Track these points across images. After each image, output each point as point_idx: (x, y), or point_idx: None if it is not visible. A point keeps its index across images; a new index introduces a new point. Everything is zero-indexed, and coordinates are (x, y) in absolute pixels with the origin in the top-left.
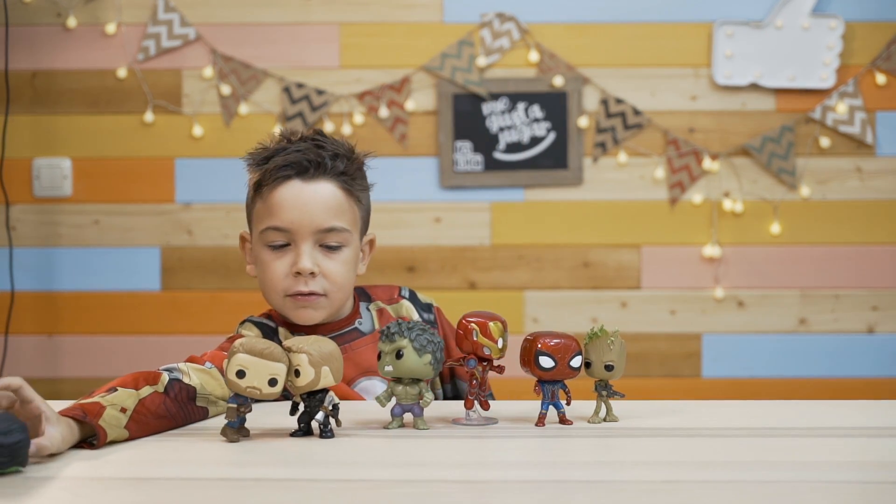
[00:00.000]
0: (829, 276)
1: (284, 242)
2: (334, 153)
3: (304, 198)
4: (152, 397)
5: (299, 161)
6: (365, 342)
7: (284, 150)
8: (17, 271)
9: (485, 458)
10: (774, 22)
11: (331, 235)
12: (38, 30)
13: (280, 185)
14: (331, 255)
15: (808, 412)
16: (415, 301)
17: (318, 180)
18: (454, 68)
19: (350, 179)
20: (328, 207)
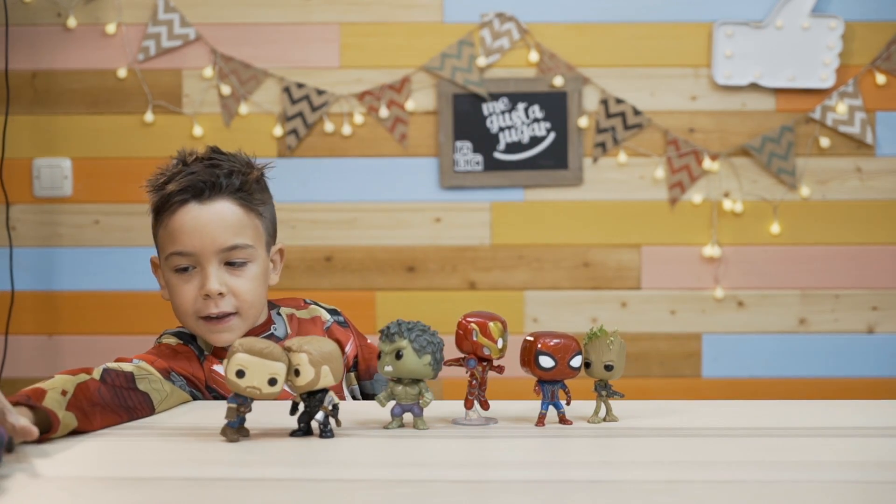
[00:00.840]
0: (829, 276)
1: (190, 266)
2: (229, 171)
3: (202, 220)
4: (88, 383)
5: (194, 184)
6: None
7: (179, 173)
8: (17, 271)
9: (485, 458)
10: (774, 22)
11: (234, 253)
12: (38, 30)
13: (178, 210)
14: (237, 272)
15: (808, 412)
16: (319, 306)
17: (214, 200)
18: (454, 68)
19: (247, 195)
20: (228, 226)
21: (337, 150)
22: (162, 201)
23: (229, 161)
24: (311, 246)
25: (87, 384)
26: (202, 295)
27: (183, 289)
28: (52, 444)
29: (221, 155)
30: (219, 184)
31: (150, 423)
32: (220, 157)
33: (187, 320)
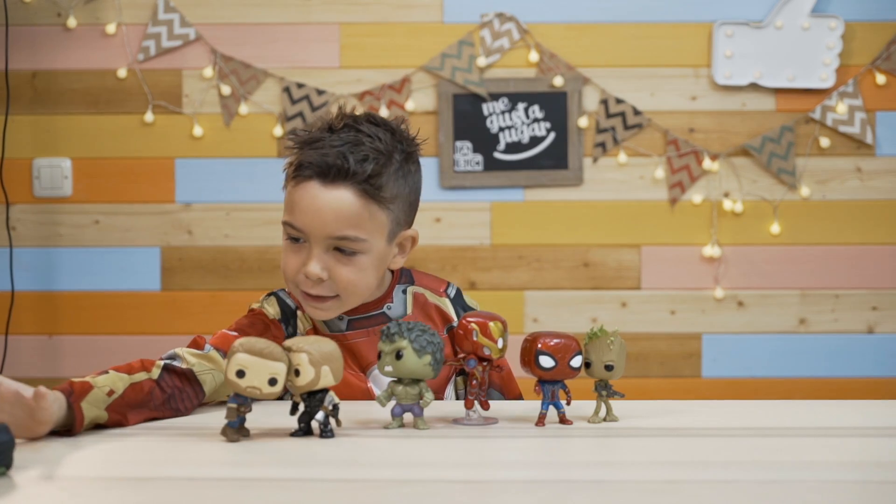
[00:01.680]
0: (829, 276)
1: (301, 238)
2: (365, 156)
3: (319, 203)
4: (143, 384)
5: (323, 162)
6: None
7: (320, 141)
8: (17, 271)
9: (485, 458)
10: (774, 22)
11: (344, 243)
12: (38, 30)
13: (301, 183)
14: (345, 260)
15: (808, 412)
16: (458, 302)
17: (338, 186)
18: (454, 68)
19: (374, 188)
20: (343, 216)
21: None
22: (296, 166)
23: (374, 142)
24: None
25: (140, 385)
26: (303, 272)
27: (290, 257)
28: (52, 445)
29: (372, 127)
30: (346, 169)
31: (151, 424)
32: (368, 132)
33: (288, 285)
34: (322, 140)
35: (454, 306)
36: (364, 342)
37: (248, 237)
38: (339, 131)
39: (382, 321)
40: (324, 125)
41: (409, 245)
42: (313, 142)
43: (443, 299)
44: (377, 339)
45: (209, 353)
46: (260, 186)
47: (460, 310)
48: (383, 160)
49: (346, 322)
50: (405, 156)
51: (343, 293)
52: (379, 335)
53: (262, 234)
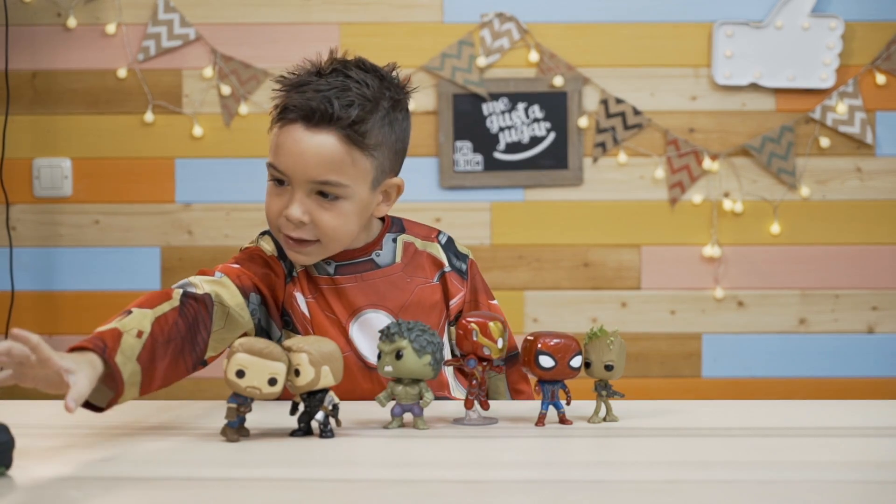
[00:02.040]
0: (829, 276)
1: (284, 181)
2: (350, 102)
3: (302, 146)
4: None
5: (307, 106)
6: (377, 275)
7: (306, 84)
8: (17, 271)
9: (485, 458)
10: (774, 22)
11: (325, 188)
12: (38, 30)
13: (285, 126)
14: (327, 205)
15: (807, 412)
16: (450, 248)
17: (321, 130)
18: (454, 68)
19: (358, 135)
20: (325, 161)
21: None
22: (281, 108)
23: (361, 87)
24: None
25: (165, 317)
26: (284, 215)
27: (273, 200)
28: (51, 445)
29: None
30: (331, 114)
31: (151, 424)
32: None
33: (271, 228)
34: (309, 84)
35: (445, 252)
36: (352, 287)
37: (248, 237)
38: (327, 75)
39: (370, 268)
40: (312, 68)
41: (394, 193)
42: (300, 85)
43: (433, 244)
44: (365, 285)
45: (221, 279)
46: (260, 186)
47: (452, 256)
48: (369, 106)
49: (333, 266)
50: (393, 103)
51: (324, 238)
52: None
53: None
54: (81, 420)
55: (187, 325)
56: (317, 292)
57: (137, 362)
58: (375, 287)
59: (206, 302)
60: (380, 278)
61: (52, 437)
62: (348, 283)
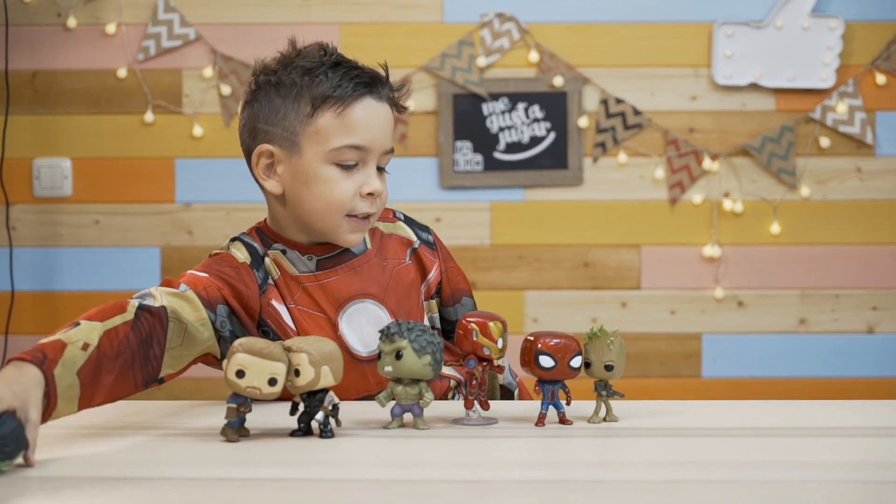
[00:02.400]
0: (829, 276)
1: (356, 161)
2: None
3: (380, 118)
4: (118, 329)
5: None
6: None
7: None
8: (17, 271)
9: (485, 458)
10: (774, 22)
11: (388, 157)
12: (38, 30)
13: (356, 102)
14: (381, 177)
15: (808, 412)
16: (411, 223)
17: (383, 100)
18: (454, 68)
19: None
20: (390, 129)
21: None
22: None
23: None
24: None
25: (116, 330)
26: (363, 193)
27: (343, 184)
28: (52, 445)
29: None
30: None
31: (151, 423)
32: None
33: (332, 216)
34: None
35: (409, 227)
36: (336, 280)
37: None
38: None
39: (349, 258)
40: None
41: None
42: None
43: (396, 223)
44: (346, 276)
45: (185, 292)
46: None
47: (417, 230)
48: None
49: (314, 262)
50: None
51: (380, 210)
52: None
53: None
54: (81, 420)
55: (139, 340)
56: (300, 292)
57: (77, 375)
58: (357, 275)
59: (161, 316)
60: (359, 266)
61: (50, 437)
62: (332, 276)
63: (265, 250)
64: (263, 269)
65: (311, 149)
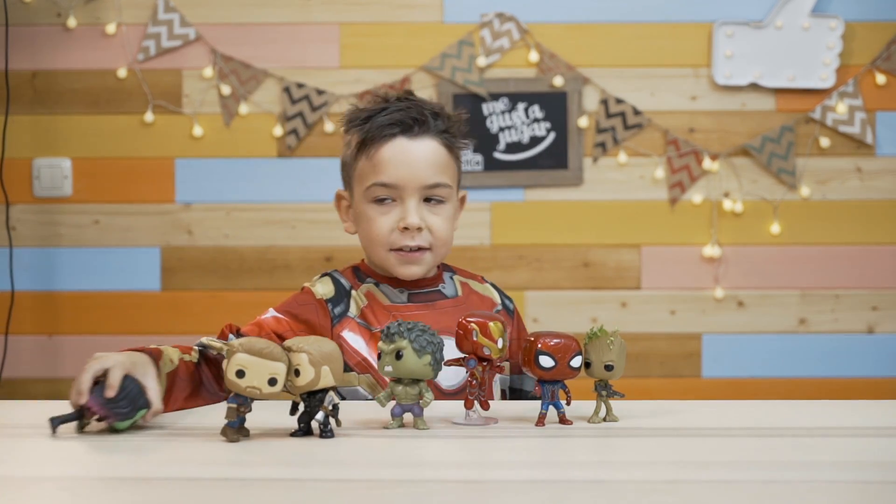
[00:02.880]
0: (829, 276)
1: (390, 197)
2: (435, 112)
3: (410, 154)
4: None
5: (404, 119)
6: (447, 304)
7: (385, 109)
8: (17, 271)
9: (485, 458)
10: (774, 22)
11: (435, 190)
12: (38, 30)
13: (386, 143)
14: (434, 209)
15: (808, 412)
16: (498, 290)
17: (422, 137)
18: (454, 68)
19: (452, 137)
20: (432, 163)
21: (337, 150)
22: (369, 133)
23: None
24: (311, 246)
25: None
26: (400, 228)
27: (380, 220)
28: (52, 445)
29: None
30: (427, 122)
31: (151, 424)
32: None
33: (378, 251)
34: (386, 108)
35: (497, 291)
36: (425, 315)
37: (248, 237)
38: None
39: (439, 297)
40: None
41: (462, 204)
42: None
43: (484, 285)
44: (435, 313)
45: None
46: (260, 186)
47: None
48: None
49: (406, 294)
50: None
51: (436, 243)
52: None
53: (262, 234)
54: None
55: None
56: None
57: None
58: (444, 315)
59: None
60: (450, 307)
61: (51, 437)
62: (420, 310)
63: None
64: (345, 304)
65: (357, 190)
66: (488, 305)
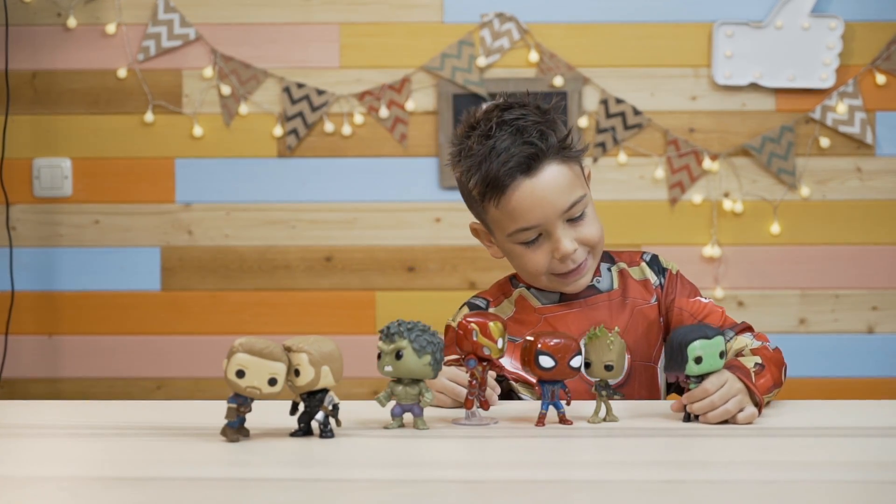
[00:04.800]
0: (829, 276)
1: (536, 236)
2: (540, 132)
3: (537, 193)
4: None
5: (517, 162)
6: (601, 299)
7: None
8: (17, 271)
9: (485, 458)
10: (774, 22)
11: (573, 209)
12: (38, 30)
13: (509, 190)
14: (580, 223)
15: (807, 412)
16: (654, 264)
17: (541, 168)
18: (454, 68)
19: (567, 149)
20: (561, 189)
21: (337, 150)
22: (489, 184)
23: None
24: (311, 246)
25: None
26: (557, 258)
27: (533, 257)
28: (52, 445)
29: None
30: (538, 151)
31: (150, 423)
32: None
33: (538, 280)
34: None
35: (649, 266)
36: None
37: (248, 237)
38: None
39: (593, 293)
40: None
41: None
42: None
43: (640, 266)
44: (588, 310)
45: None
46: (260, 186)
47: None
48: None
49: (558, 295)
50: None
51: (593, 249)
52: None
53: (262, 234)
54: (81, 420)
55: None
56: (541, 323)
57: None
58: (598, 311)
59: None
60: (602, 303)
61: (51, 437)
62: (573, 308)
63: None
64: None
65: (497, 232)
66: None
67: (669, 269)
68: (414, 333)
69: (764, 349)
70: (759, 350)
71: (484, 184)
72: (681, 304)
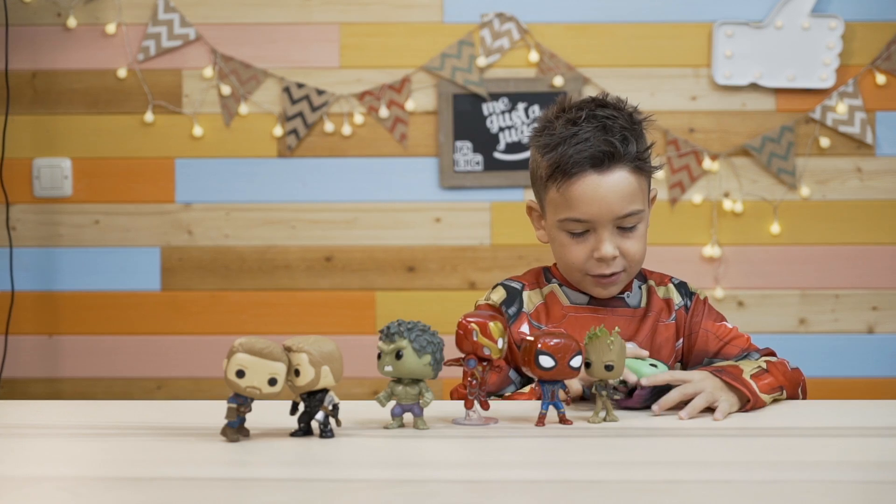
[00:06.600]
0: (829, 276)
1: (584, 230)
2: (623, 137)
3: (601, 191)
4: None
5: (594, 155)
6: (627, 313)
7: (573, 137)
8: (17, 271)
9: (485, 458)
10: (774, 22)
11: (627, 219)
12: (38, 30)
13: (576, 178)
14: (628, 234)
15: (808, 412)
16: (681, 287)
17: (613, 170)
18: (454, 68)
19: (642, 161)
20: (624, 195)
21: (337, 150)
22: (559, 166)
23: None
24: (311, 246)
25: None
26: (595, 258)
27: (575, 249)
28: (52, 445)
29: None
30: (617, 152)
31: (150, 423)
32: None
33: (573, 274)
34: (576, 134)
35: (677, 290)
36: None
37: (248, 237)
38: (582, 123)
39: (620, 305)
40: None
41: (651, 203)
42: (566, 139)
43: (668, 287)
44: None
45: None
46: (260, 186)
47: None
48: (636, 134)
49: (587, 298)
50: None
51: (630, 265)
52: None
53: (262, 234)
54: (81, 420)
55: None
56: (565, 320)
57: None
58: (619, 321)
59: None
60: (626, 317)
61: (51, 437)
62: (599, 313)
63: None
64: (518, 304)
65: (549, 214)
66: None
67: (697, 294)
68: (414, 333)
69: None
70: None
71: (554, 165)
72: (707, 327)
